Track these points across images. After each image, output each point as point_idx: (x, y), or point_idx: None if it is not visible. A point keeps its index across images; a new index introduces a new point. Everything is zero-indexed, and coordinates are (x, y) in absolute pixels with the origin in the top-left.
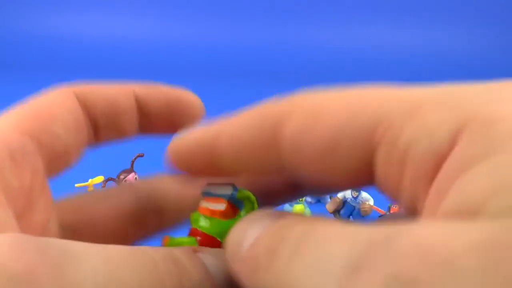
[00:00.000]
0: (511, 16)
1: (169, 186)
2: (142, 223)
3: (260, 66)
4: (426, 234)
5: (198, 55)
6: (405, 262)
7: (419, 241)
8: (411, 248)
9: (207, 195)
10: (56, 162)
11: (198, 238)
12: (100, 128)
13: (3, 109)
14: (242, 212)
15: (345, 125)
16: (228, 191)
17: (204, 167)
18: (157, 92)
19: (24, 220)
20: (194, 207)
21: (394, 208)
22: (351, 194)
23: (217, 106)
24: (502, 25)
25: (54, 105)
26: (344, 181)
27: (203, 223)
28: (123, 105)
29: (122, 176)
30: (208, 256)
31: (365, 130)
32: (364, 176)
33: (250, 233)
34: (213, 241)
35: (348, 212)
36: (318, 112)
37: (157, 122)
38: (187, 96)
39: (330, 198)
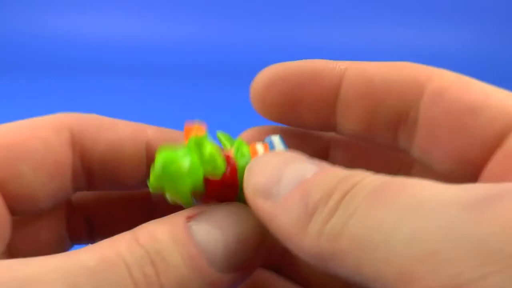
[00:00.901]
0: (511, 16)
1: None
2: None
3: (260, 66)
4: None
5: (199, 55)
6: None
7: None
8: None
9: (265, 141)
10: (18, 202)
11: (227, 168)
12: (95, 176)
13: (3, 109)
14: None
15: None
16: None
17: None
18: (173, 139)
19: None
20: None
21: None
22: None
23: (218, 106)
24: (502, 25)
25: (32, 138)
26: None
27: (241, 154)
28: (129, 155)
29: None
30: (203, 227)
31: None
32: None
33: (291, 174)
34: (232, 183)
35: None
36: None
37: None
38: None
39: None
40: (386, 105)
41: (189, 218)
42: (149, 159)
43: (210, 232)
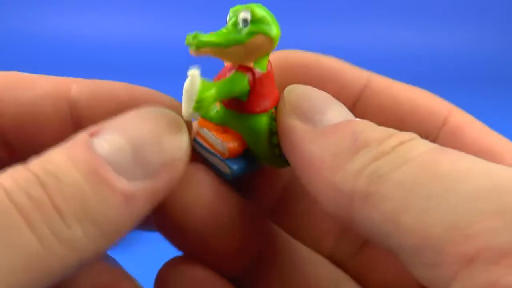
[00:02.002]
0: (511, 16)
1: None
2: None
3: None
4: None
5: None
6: None
7: None
8: None
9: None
10: None
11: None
12: (13, 145)
13: None
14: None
15: None
16: None
17: None
18: (102, 94)
19: None
20: None
21: None
22: None
23: None
24: (502, 25)
25: None
26: None
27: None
28: (48, 115)
29: None
30: (106, 137)
31: None
32: None
33: (338, 110)
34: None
35: None
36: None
37: None
38: (142, 96)
39: None
40: (407, 125)
41: (93, 134)
42: (75, 119)
43: (113, 140)
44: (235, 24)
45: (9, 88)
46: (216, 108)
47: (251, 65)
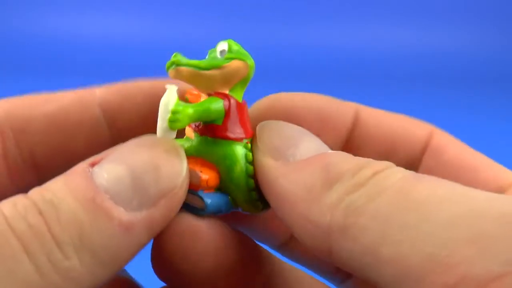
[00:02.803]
0: (511, 16)
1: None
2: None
3: (260, 66)
4: None
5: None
6: None
7: None
8: None
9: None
10: None
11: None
12: (42, 167)
13: None
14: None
15: None
16: None
17: None
18: (131, 94)
19: None
20: None
21: None
22: None
23: None
24: (502, 25)
25: None
26: None
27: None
28: (79, 121)
29: None
30: (105, 166)
31: None
32: None
33: (310, 143)
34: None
35: None
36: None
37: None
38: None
39: None
40: (397, 152)
41: (93, 164)
42: (110, 123)
43: (112, 169)
44: (214, 56)
45: (36, 105)
46: (190, 141)
47: (227, 92)
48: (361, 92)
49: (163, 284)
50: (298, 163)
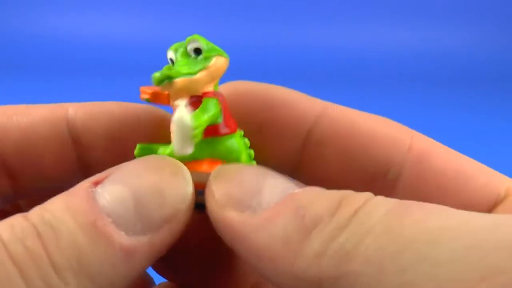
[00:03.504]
0: (511, 16)
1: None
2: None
3: (260, 66)
4: None
5: None
6: None
7: None
8: None
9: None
10: None
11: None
12: (16, 172)
13: None
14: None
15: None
16: None
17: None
18: (97, 112)
19: None
20: None
21: None
22: None
23: None
24: (502, 25)
25: None
26: None
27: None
28: (47, 138)
29: None
30: (108, 187)
31: None
32: None
33: (274, 186)
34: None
35: None
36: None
37: (99, 156)
38: (137, 113)
39: None
40: (368, 154)
41: (96, 184)
42: (75, 140)
43: (115, 191)
44: (185, 54)
45: (9, 116)
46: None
47: (211, 89)
48: (361, 92)
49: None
50: (266, 213)
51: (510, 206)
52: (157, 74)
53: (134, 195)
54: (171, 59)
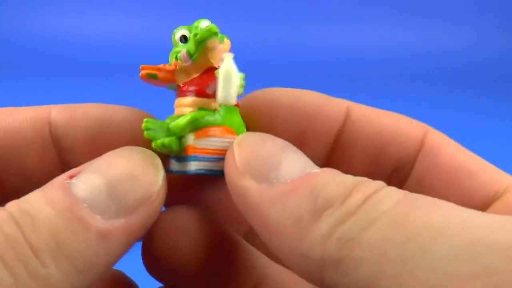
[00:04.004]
0: (511, 16)
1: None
2: None
3: (260, 66)
4: None
5: None
6: None
7: None
8: None
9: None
10: None
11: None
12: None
13: None
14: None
15: None
16: None
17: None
18: (78, 115)
19: None
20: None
21: None
22: None
23: None
24: (502, 25)
25: None
26: None
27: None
28: (30, 139)
29: None
30: (82, 177)
31: None
32: None
33: (293, 163)
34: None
35: None
36: None
37: (80, 159)
38: (117, 115)
39: None
40: (388, 151)
41: (71, 177)
42: (56, 141)
43: (89, 180)
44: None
45: None
46: (214, 112)
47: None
48: (361, 92)
49: (160, 284)
50: (282, 187)
51: (505, 202)
52: (215, 29)
53: (107, 181)
54: (184, 36)
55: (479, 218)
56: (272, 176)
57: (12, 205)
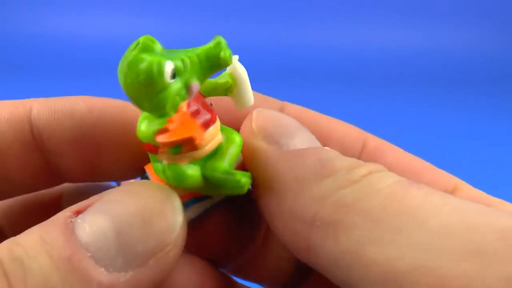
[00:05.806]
0: (511, 16)
1: None
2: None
3: (260, 66)
4: None
5: None
6: None
7: None
8: None
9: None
10: None
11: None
12: None
13: None
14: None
15: None
16: None
17: None
18: (61, 110)
19: None
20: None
21: None
22: None
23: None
24: (502, 25)
25: None
26: None
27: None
28: (8, 138)
29: None
30: (89, 217)
31: None
32: None
33: (306, 137)
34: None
35: None
36: None
37: (67, 163)
38: (106, 115)
39: None
40: (329, 146)
41: (77, 213)
42: (40, 143)
43: (96, 222)
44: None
45: None
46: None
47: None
48: (361, 92)
49: None
50: (291, 151)
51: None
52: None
53: (115, 225)
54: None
55: (472, 203)
56: (283, 142)
57: (4, 249)
